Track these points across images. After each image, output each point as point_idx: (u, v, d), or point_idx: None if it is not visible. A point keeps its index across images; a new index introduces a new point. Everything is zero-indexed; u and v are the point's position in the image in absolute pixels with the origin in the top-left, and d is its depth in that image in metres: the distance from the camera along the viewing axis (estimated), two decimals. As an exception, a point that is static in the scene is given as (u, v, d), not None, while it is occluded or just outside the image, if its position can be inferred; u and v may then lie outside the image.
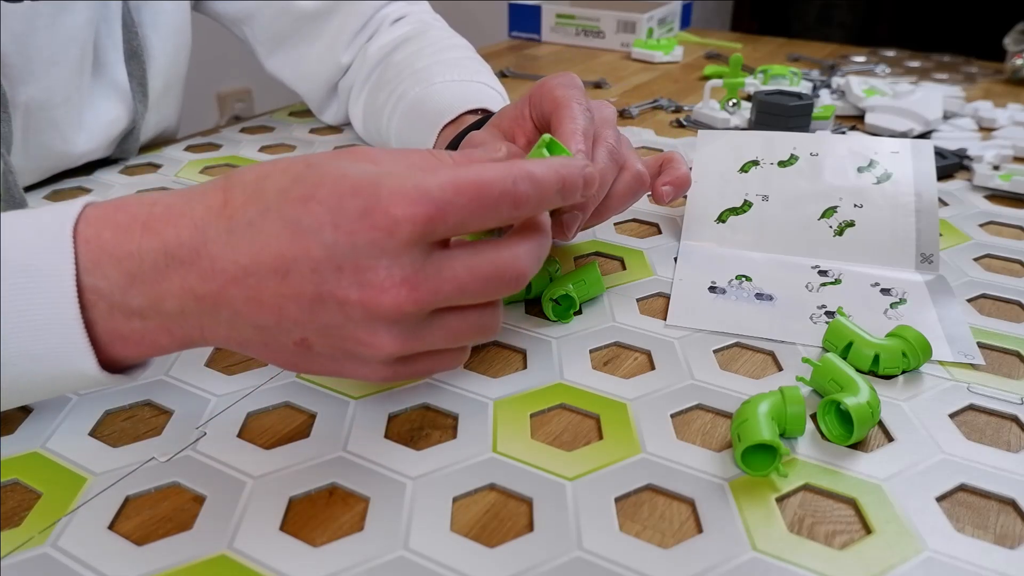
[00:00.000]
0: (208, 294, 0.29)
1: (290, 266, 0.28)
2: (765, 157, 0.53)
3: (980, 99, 0.87)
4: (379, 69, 0.67)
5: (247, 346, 0.31)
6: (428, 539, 0.29)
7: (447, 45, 0.66)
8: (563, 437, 0.35)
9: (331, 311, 0.29)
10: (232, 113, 2.02)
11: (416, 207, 0.27)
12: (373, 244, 0.28)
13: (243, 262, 0.29)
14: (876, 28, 3.05)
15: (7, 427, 0.35)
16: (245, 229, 0.29)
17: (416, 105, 0.59)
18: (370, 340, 0.29)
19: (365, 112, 0.68)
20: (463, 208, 0.28)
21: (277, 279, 0.29)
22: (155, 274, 0.29)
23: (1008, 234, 0.56)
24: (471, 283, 0.29)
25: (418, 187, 0.28)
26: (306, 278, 0.28)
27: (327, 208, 0.28)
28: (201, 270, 0.29)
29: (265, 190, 0.29)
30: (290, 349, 0.30)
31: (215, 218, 0.29)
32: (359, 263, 0.28)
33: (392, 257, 0.28)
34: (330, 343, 0.30)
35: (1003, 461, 0.34)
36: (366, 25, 0.70)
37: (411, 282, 0.28)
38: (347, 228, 0.28)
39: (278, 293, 0.29)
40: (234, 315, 0.30)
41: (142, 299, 0.30)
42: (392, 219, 0.27)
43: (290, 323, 0.29)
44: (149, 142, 0.70)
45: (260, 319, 0.29)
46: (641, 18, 1.12)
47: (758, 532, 0.30)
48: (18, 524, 0.30)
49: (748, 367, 0.40)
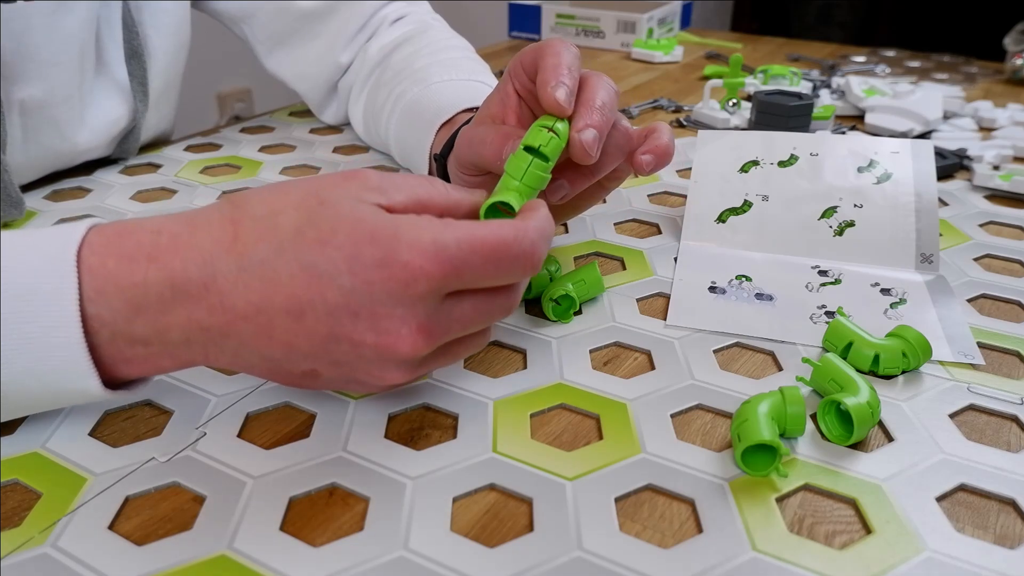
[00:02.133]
0: (215, 326, 0.30)
1: (305, 308, 0.29)
2: (765, 157, 0.53)
3: (980, 99, 0.87)
4: (379, 69, 0.67)
5: (252, 370, 0.32)
6: (428, 539, 0.29)
7: (446, 45, 0.66)
8: (563, 437, 0.35)
9: (344, 349, 0.30)
10: (232, 113, 2.02)
11: (433, 264, 0.28)
12: (390, 294, 0.28)
13: (255, 300, 0.29)
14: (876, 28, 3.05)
15: (7, 427, 0.35)
16: (257, 267, 0.29)
17: (414, 105, 0.59)
18: (380, 374, 0.31)
19: (365, 112, 0.68)
20: (478, 268, 0.29)
21: (291, 319, 0.29)
22: (160, 305, 0.30)
23: (1008, 234, 0.56)
24: (476, 319, 0.31)
25: (436, 242, 0.28)
26: (321, 320, 0.29)
27: (345, 255, 0.28)
28: (209, 305, 0.29)
29: (278, 227, 0.29)
30: (297, 376, 0.31)
31: (225, 253, 0.30)
32: (375, 310, 0.29)
33: (408, 307, 0.29)
34: (339, 373, 0.31)
35: (1003, 461, 0.34)
36: (366, 25, 0.70)
37: (425, 330, 0.29)
38: (364, 276, 0.28)
39: (290, 331, 0.29)
40: (240, 345, 0.30)
41: (146, 329, 0.30)
42: (410, 273, 0.28)
43: (300, 356, 0.30)
44: (148, 142, 0.70)
45: (269, 352, 0.30)
46: (641, 18, 1.12)
47: (758, 532, 0.30)
48: (18, 524, 0.30)
49: (748, 367, 0.40)
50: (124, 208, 0.58)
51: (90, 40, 0.57)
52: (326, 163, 0.67)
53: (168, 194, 0.60)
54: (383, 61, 0.67)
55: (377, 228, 0.29)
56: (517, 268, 0.30)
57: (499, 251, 0.29)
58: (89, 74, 0.59)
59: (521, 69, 0.42)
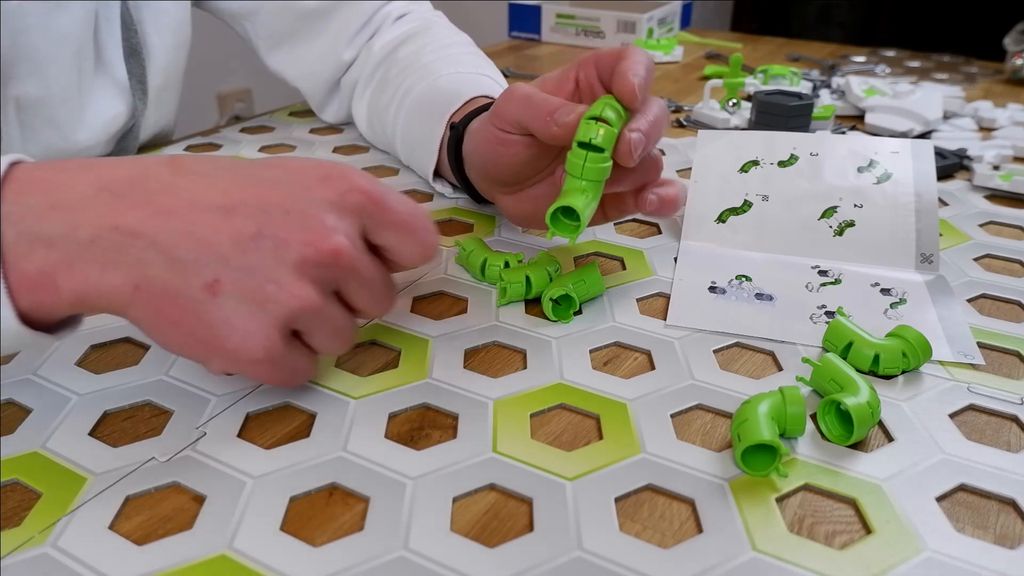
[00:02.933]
0: (128, 224, 0.29)
1: (237, 205, 0.30)
2: (765, 157, 0.53)
3: (980, 99, 0.87)
4: (383, 66, 0.67)
5: (143, 290, 0.30)
6: (428, 539, 0.29)
7: (450, 41, 0.66)
8: (563, 437, 0.35)
9: (265, 250, 0.30)
10: (232, 113, 2.02)
11: (369, 184, 0.32)
12: (327, 201, 0.31)
13: (185, 196, 0.30)
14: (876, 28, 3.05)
15: (7, 427, 0.35)
16: (196, 175, 0.31)
17: (422, 99, 0.59)
18: (290, 285, 0.31)
19: (369, 109, 0.68)
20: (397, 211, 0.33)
21: (219, 215, 0.30)
22: (80, 202, 0.29)
23: (1008, 234, 0.56)
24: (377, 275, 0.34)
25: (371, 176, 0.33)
26: (251, 217, 0.30)
27: (289, 171, 0.32)
28: (132, 200, 0.30)
29: (220, 159, 0.32)
30: (195, 293, 0.30)
31: (160, 165, 0.31)
32: (308, 211, 0.31)
33: (338, 215, 0.32)
34: (242, 288, 0.30)
35: (1003, 461, 0.34)
36: (368, 22, 0.70)
37: (350, 238, 0.32)
38: (305, 185, 0.31)
39: (214, 227, 0.30)
40: (149, 246, 0.29)
41: (56, 225, 0.29)
42: (348, 185, 0.32)
43: (212, 258, 0.30)
44: (148, 141, 0.70)
45: (180, 251, 0.29)
46: (641, 18, 1.11)
47: (758, 532, 0.30)
48: (18, 524, 0.30)
49: (748, 367, 0.40)
50: (124, 208, 0.58)
51: (88, 39, 0.57)
52: (326, 163, 0.67)
53: (168, 194, 0.60)
54: (387, 58, 0.67)
55: (321, 163, 0.33)
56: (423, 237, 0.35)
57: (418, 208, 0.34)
58: (88, 73, 0.59)
59: (593, 64, 0.44)
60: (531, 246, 0.52)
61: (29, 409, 0.36)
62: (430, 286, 0.47)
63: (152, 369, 0.39)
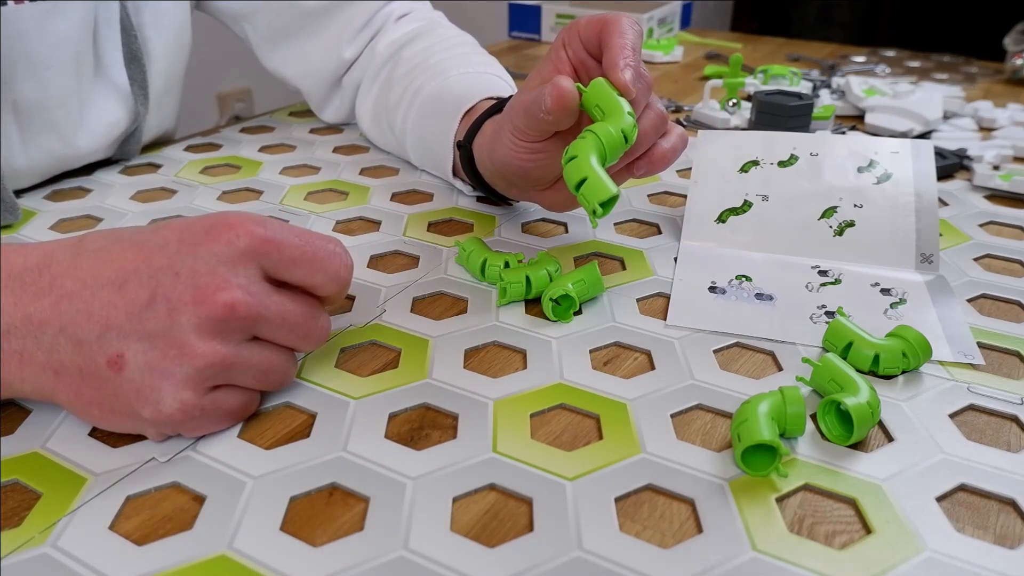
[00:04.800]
0: (37, 312, 0.31)
1: (129, 276, 0.31)
2: (765, 157, 0.53)
3: (980, 99, 0.87)
4: (389, 66, 0.67)
5: (61, 374, 0.31)
6: (428, 539, 0.29)
7: (457, 42, 0.67)
8: (563, 437, 0.35)
9: (160, 315, 0.30)
10: (232, 113, 2.02)
11: (256, 226, 0.32)
12: (213, 254, 0.31)
13: (83, 276, 0.31)
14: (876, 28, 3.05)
15: (7, 427, 0.35)
16: (93, 253, 0.32)
17: (434, 98, 0.59)
18: (192, 346, 0.31)
19: (375, 109, 0.68)
20: (296, 247, 0.33)
21: (113, 289, 0.31)
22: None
23: (1008, 234, 0.56)
24: (293, 312, 0.33)
25: (260, 218, 0.32)
26: (143, 284, 0.31)
27: (176, 231, 0.32)
28: (38, 288, 0.31)
29: (118, 231, 0.33)
30: (100, 372, 0.31)
31: (64, 248, 0.32)
32: (197, 268, 0.31)
33: (229, 266, 0.32)
34: (146, 359, 0.31)
35: (1003, 461, 0.34)
36: (370, 21, 0.70)
37: (244, 288, 0.31)
38: (191, 242, 0.31)
39: (110, 303, 0.30)
40: (59, 332, 0.31)
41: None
42: (233, 233, 0.31)
43: (113, 334, 0.31)
44: (149, 143, 0.70)
45: (84, 332, 0.31)
46: (641, 18, 1.11)
47: (758, 532, 0.30)
48: (18, 524, 0.30)
49: (748, 367, 0.40)
50: (124, 208, 0.58)
51: (86, 43, 0.57)
52: (326, 163, 0.67)
53: (168, 194, 0.60)
54: (393, 57, 0.67)
55: (206, 217, 0.32)
56: (332, 263, 0.34)
57: (315, 239, 0.33)
58: (87, 77, 0.58)
59: (579, 39, 0.44)
60: (531, 246, 0.52)
61: (29, 409, 0.36)
62: (430, 286, 0.47)
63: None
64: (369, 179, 0.64)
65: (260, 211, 0.57)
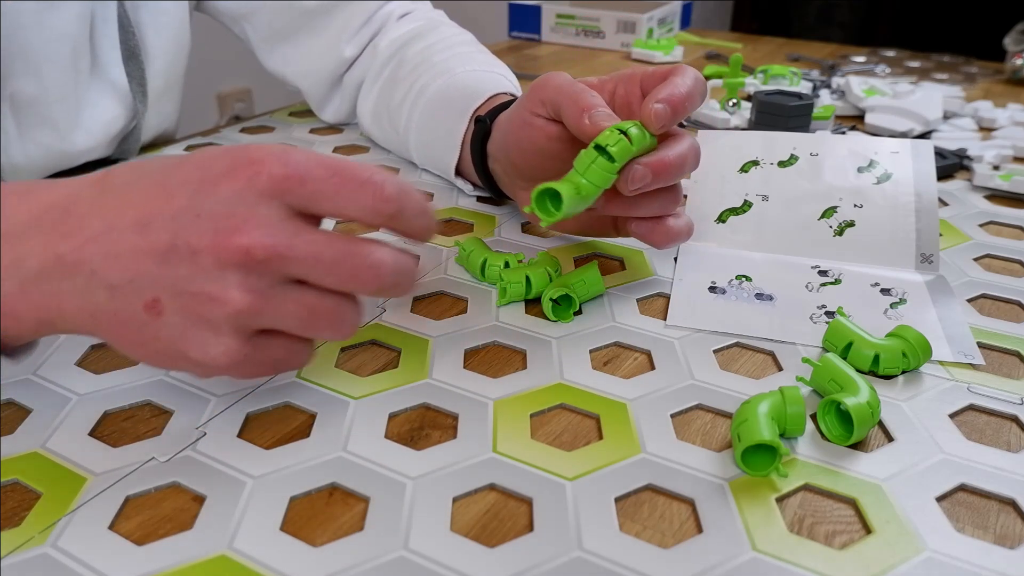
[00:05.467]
0: (67, 252, 0.29)
1: (151, 218, 0.29)
2: (765, 157, 0.53)
3: (980, 99, 0.87)
4: (392, 64, 0.67)
5: (99, 318, 0.30)
6: (428, 539, 0.29)
7: (459, 40, 0.67)
8: (563, 437, 0.35)
9: (183, 261, 0.29)
10: (232, 113, 2.02)
11: (277, 162, 0.29)
12: (234, 193, 0.29)
13: (107, 216, 0.30)
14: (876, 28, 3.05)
15: (7, 427, 0.35)
16: (116, 190, 0.30)
17: (441, 96, 0.59)
18: (219, 293, 0.29)
19: (376, 107, 0.68)
20: (321, 179, 0.30)
21: (136, 232, 0.29)
22: (22, 231, 0.30)
23: (1008, 234, 0.56)
24: (327, 250, 0.30)
25: (285, 150, 0.30)
26: (165, 227, 0.29)
27: (197, 166, 0.30)
28: (67, 228, 0.30)
29: (144, 164, 0.31)
30: (140, 317, 0.30)
31: (90, 185, 0.31)
32: (216, 210, 0.29)
33: (249, 206, 0.29)
34: (181, 304, 0.29)
35: (1003, 461, 0.34)
36: (370, 20, 0.70)
37: (265, 229, 0.29)
38: (212, 181, 0.29)
39: (135, 246, 0.29)
40: (90, 276, 0.29)
41: (5, 255, 0.30)
42: (253, 170, 0.29)
43: (143, 279, 0.29)
44: (149, 142, 0.70)
45: (115, 276, 0.29)
46: (641, 18, 1.12)
47: (758, 532, 0.30)
48: (18, 524, 0.30)
49: (748, 367, 0.40)
50: (124, 208, 0.58)
51: (83, 39, 0.57)
52: (326, 163, 0.67)
53: (168, 194, 0.60)
54: (395, 56, 0.67)
55: (232, 148, 0.30)
56: (363, 193, 0.30)
57: (345, 169, 0.30)
58: (84, 74, 0.59)
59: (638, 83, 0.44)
60: (531, 246, 0.52)
61: (29, 409, 0.36)
62: (430, 286, 0.47)
63: (152, 369, 0.39)
64: (369, 179, 0.64)
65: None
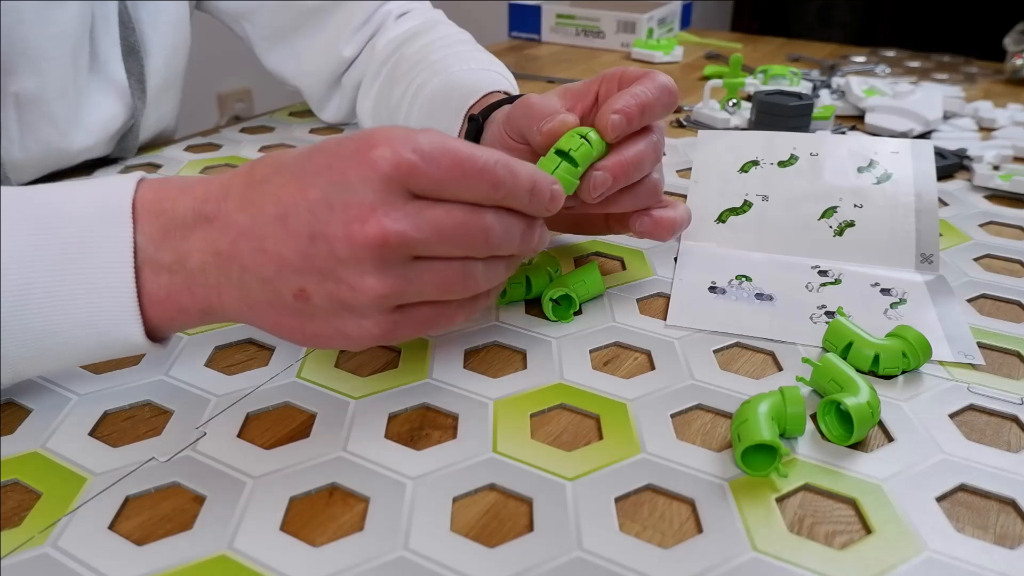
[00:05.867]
0: (224, 249, 0.32)
1: (289, 210, 0.31)
2: (765, 157, 0.53)
3: (980, 99, 0.87)
4: (390, 64, 0.67)
5: (255, 308, 0.32)
6: (428, 539, 0.29)
7: (457, 39, 0.67)
8: (563, 437, 0.35)
9: (322, 252, 0.30)
10: (232, 113, 2.02)
11: (400, 149, 0.30)
12: (362, 181, 0.30)
13: (253, 212, 0.31)
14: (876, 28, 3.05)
15: (7, 427, 0.35)
16: (259, 184, 0.32)
17: (438, 94, 0.59)
18: (358, 282, 0.31)
19: (376, 106, 0.68)
20: (442, 167, 0.31)
21: (278, 224, 0.31)
22: (184, 230, 0.32)
23: (1008, 234, 0.56)
24: (450, 226, 0.31)
25: (408, 136, 0.31)
26: (302, 219, 0.31)
27: (326, 154, 0.31)
28: (221, 224, 0.32)
29: (283, 156, 0.33)
30: (291, 304, 0.32)
31: (238, 179, 0.33)
32: (347, 200, 0.30)
33: (375, 191, 0.30)
34: (326, 292, 0.31)
35: (1003, 461, 0.34)
36: (369, 19, 0.70)
37: (391, 215, 0.30)
38: (340, 167, 0.30)
39: (278, 239, 0.31)
40: (243, 270, 0.32)
41: (170, 254, 0.32)
42: (377, 155, 0.30)
43: (289, 271, 0.31)
44: (148, 141, 0.70)
45: (264, 270, 0.31)
46: (641, 18, 1.11)
47: (758, 532, 0.30)
48: (18, 524, 0.30)
49: (748, 367, 0.40)
50: (124, 208, 0.58)
51: (84, 36, 0.57)
52: (326, 163, 0.67)
53: (168, 194, 0.60)
54: (394, 55, 0.67)
55: (358, 133, 0.31)
56: (482, 182, 0.31)
57: (465, 159, 0.31)
58: (83, 71, 0.59)
59: (616, 81, 0.43)
60: (531, 246, 0.52)
61: (29, 409, 0.36)
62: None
63: (152, 369, 0.39)
64: (369, 179, 0.64)
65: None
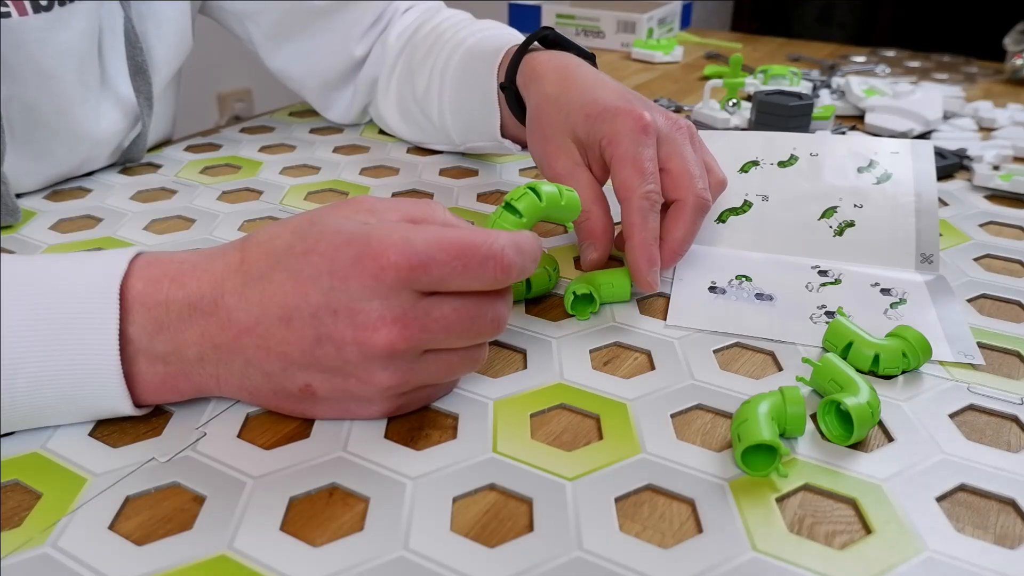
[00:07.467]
0: (224, 343, 0.32)
1: (292, 313, 0.31)
2: (765, 157, 0.53)
3: (980, 99, 0.87)
4: (404, 55, 0.68)
5: (258, 395, 0.34)
6: (428, 539, 0.29)
7: (464, 17, 0.69)
8: (563, 437, 0.35)
9: (330, 353, 0.31)
10: (232, 113, 2.02)
11: (401, 255, 0.30)
12: (364, 288, 0.31)
13: (255, 312, 0.32)
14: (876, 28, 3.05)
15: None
16: (257, 282, 0.32)
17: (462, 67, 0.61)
18: (367, 378, 0.32)
19: (401, 104, 0.69)
20: (446, 264, 0.31)
21: (282, 326, 0.31)
22: (179, 323, 0.32)
23: (1008, 234, 0.56)
24: (457, 323, 0.32)
25: (405, 239, 0.31)
26: (307, 323, 0.31)
27: (324, 258, 0.31)
28: (219, 320, 0.32)
29: (276, 248, 0.33)
30: (296, 396, 0.33)
31: (232, 273, 0.33)
32: (352, 306, 0.31)
33: (382, 299, 0.31)
34: (332, 386, 0.33)
35: (1003, 461, 0.34)
36: (379, 19, 0.70)
37: (401, 321, 0.31)
38: (342, 275, 0.31)
39: (283, 339, 0.32)
40: (246, 363, 0.33)
41: (166, 345, 0.32)
42: (379, 265, 0.30)
43: (295, 368, 0.32)
44: (150, 147, 0.70)
45: (268, 365, 0.32)
46: (641, 18, 1.12)
47: (758, 532, 0.30)
48: (18, 524, 0.30)
49: (748, 367, 0.40)
50: (124, 208, 0.58)
51: (91, 54, 0.57)
52: (326, 163, 0.67)
53: (168, 194, 0.60)
54: (406, 47, 0.68)
55: (353, 234, 0.31)
56: (486, 270, 0.31)
57: (466, 250, 0.31)
58: (92, 88, 0.58)
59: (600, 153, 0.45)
60: (531, 246, 0.52)
61: (29, 409, 0.36)
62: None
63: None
64: (369, 179, 0.64)
65: (260, 211, 0.57)
